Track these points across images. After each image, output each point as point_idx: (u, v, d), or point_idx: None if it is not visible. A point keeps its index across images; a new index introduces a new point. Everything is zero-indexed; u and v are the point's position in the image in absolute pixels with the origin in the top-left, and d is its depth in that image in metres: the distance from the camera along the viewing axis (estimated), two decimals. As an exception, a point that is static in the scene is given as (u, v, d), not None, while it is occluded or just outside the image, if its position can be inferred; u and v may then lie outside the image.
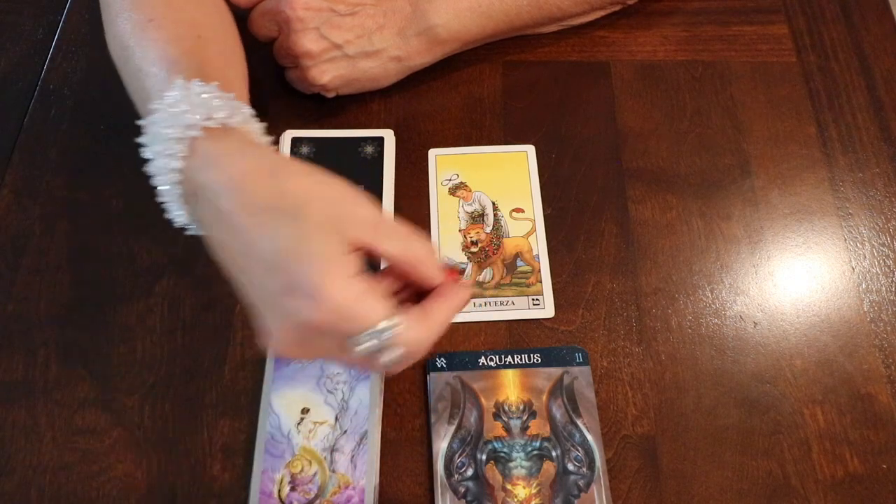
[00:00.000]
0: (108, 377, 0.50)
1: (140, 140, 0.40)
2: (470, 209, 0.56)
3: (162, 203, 0.41)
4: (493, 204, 0.56)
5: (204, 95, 0.40)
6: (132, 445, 0.48)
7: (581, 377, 0.49)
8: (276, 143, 0.58)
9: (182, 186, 0.40)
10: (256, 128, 0.42)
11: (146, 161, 0.40)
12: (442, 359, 0.50)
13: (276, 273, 0.36)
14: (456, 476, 0.46)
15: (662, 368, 0.50)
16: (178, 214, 0.41)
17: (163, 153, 0.39)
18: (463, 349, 0.51)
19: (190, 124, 0.39)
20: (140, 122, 0.41)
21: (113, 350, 0.50)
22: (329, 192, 0.38)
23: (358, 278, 0.36)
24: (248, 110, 0.42)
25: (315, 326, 0.35)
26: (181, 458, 0.47)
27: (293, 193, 0.37)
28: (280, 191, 0.37)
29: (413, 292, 0.40)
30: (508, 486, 0.46)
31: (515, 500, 0.45)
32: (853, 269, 0.54)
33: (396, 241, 0.38)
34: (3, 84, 0.62)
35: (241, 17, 0.58)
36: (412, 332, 0.37)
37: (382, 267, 0.40)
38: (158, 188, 0.40)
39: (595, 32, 0.64)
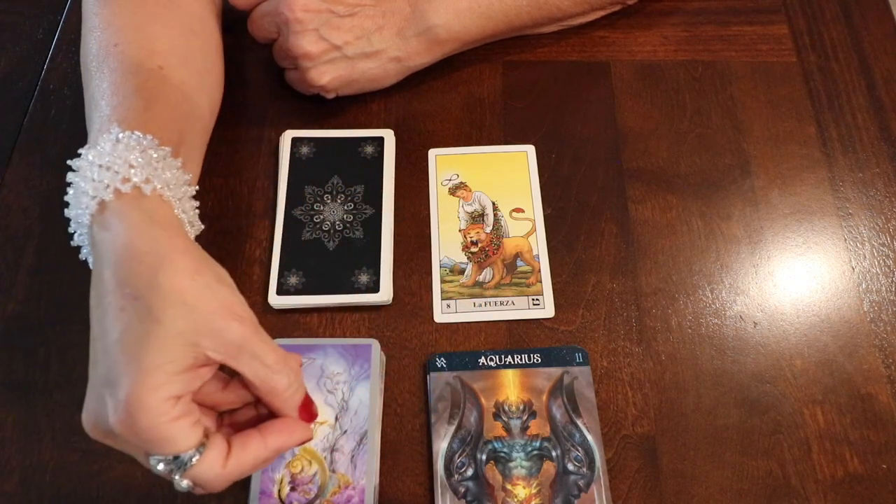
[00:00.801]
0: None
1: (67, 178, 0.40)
2: (470, 209, 0.56)
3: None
4: (493, 204, 0.56)
5: (131, 155, 0.40)
6: (132, 445, 0.48)
7: (581, 377, 0.49)
8: (278, 144, 0.58)
9: (87, 235, 0.40)
10: (176, 193, 0.41)
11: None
12: (442, 359, 0.50)
13: (107, 361, 0.35)
14: (456, 476, 0.46)
15: (662, 368, 0.50)
16: (89, 259, 0.41)
17: (77, 203, 0.39)
18: (463, 349, 0.51)
19: (106, 185, 0.39)
20: (69, 164, 0.41)
21: (113, 350, 0.50)
22: (203, 302, 0.35)
23: (175, 402, 0.34)
24: (169, 174, 0.41)
25: (113, 432, 0.34)
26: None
27: (163, 293, 0.35)
28: (152, 285, 0.35)
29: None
30: (508, 486, 0.46)
31: (515, 500, 0.45)
32: (853, 269, 0.54)
33: (257, 368, 0.36)
34: (3, 84, 0.62)
35: (241, 19, 0.58)
36: (207, 471, 0.35)
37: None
38: (75, 237, 0.41)
39: (595, 32, 0.64)
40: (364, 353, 0.48)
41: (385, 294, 0.52)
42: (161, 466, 0.35)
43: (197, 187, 0.45)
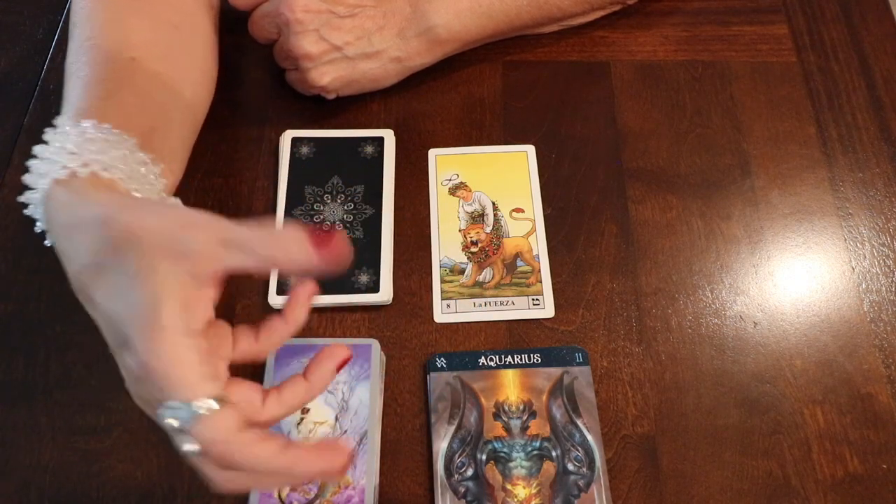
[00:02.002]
0: (108, 377, 0.49)
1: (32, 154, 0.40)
2: (470, 209, 0.56)
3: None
4: (493, 204, 0.56)
5: (68, 143, 0.40)
6: (132, 445, 0.48)
7: (581, 377, 0.49)
8: (277, 144, 0.58)
9: (42, 211, 0.40)
10: (133, 174, 0.41)
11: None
12: (442, 359, 0.50)
13: (110, 323, 0.35)
14: (456, 476, 0.46)
15: (662, 368, 0.50)
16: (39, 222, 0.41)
17: (36, 179, 0.40)
18: (463, 349, 0.51)
19: (64, 165, 0.39)
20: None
21: (113, 350, 0.50)
22: (160, 227, 0.35)
23: (187, 340, 0.33)
24: (116, 154, 0.41)
25: (137, 377, 0.34)
26: (181, 458, 0.47)
27: (124, 241, 0.34)
28: (112, 245, 0.35)
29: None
30: (508, 486, 0.46)
31: (515, 500, 0.45)
32: (853, 269, 0.54)
33: (244, 255, 0.34)
34: (3, 84, 0.62)
35: (242, 19, 0.58)
36: (220, 429, 0.33)
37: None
38: (27, 199, 0.41)
39: (595, 32, 0.64)
40: (364, 353, 0.48)
41: (385, 294, 0.52)
42: (169, 416, 0.33)
43: (160, 166, 0.44)
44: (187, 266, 0.34)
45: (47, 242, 0.41)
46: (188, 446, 0.33)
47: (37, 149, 0.40)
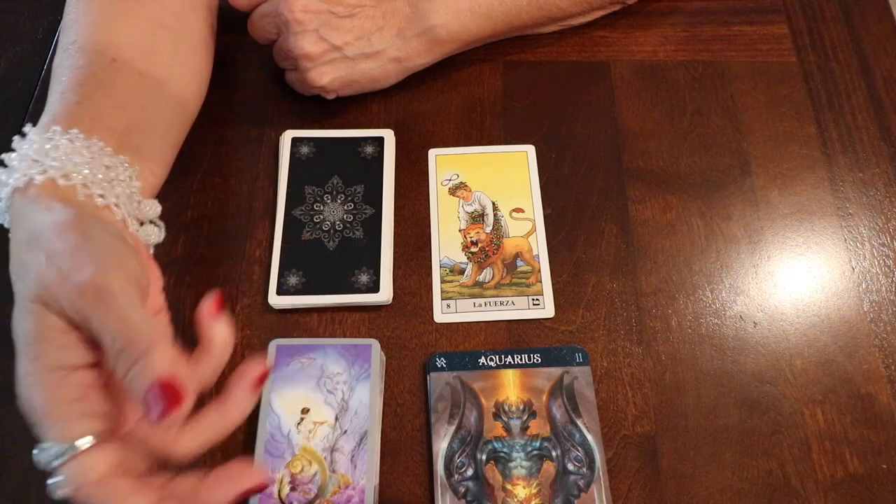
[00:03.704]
0: (109, 377, 0.50)
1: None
2: (470, 209, 0.56)
3: None
4: (493, 204, 0.56)
5: (52, 153, 0.40)
6: (132, 445, 0.47)
7: (581, 377, 0.49)
8: (277, 144, 0.58)
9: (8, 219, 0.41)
10: (99, 191, 0.41)
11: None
12: (442, 359, 0.50)
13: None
14: (456, 476, 0.46)
15: (662, 368, 0.50)
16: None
17: (3, 181, 0.40)
18: (463, 349, 0.51)
19: (24, 173, 0.39)
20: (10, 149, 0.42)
21: (113, 350, 0.50)
22: (46, 256, 0.35)
23: (60, 377, 0.33)
24: (89, 171, 0.41)
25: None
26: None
27: (24, 264, 0.36)
28: (20, 263, 0.36)
29: None
30: (508, 486, 0.46)
31: (515, 500, 0.45)
32: (853, 269, 0.54)
33: (103, 326, 0.33)
34: (3, 84, 0.62)
35: (242, 19, 0.58)
36: (91, 468, 0.32)
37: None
38: None
39: (595, 32, 0.64)
40: (364, 353, 0.48)
41: (385, 294, 0.52)
42: (41, 455, 0.33)
43: (142, 178, 0.44)
44: (54, 307, 0.35)
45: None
46: (58, 484, 0.32)
47: (3, 156, 0.41)
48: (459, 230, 0.55)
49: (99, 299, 0.34)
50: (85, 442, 0.33)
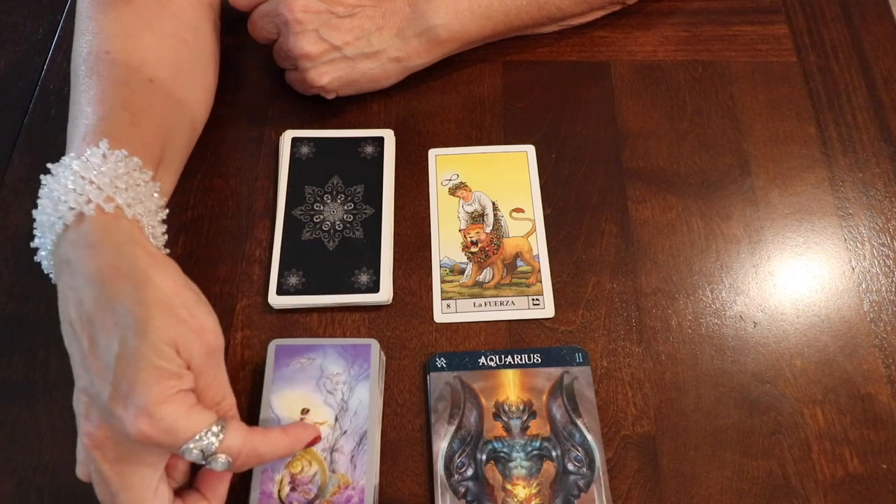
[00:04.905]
0: (108, 377, 0.49)
1: (40, 191, 0.41)
2: (470, 209, 0.56)
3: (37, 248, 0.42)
4: (493, 204, 0.56)
5: (118, 176, 0.41)
6: (132, 445, 0.47)
7: (581, 377, 0.49)
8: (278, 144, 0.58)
9: (56, 246, 0.40)
10: (150, 220, 0.42)
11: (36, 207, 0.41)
12: (442, 359, 0.50)
13: (110, 376, 0.37)
14: (456, 476, 0.46)
15: (662, 368, 0.50)
16: (45, 262, 0.42)
17: (54, 210, 0.40)
18: (463, 349, 0.51)
19: (88, 199, 0.40)
20: (49, 167, 0.42)
21: (113, 350, 0.50)
22: (184, 317, 0.39)
23: (184, 395, 0.38)
24: (146, 198, 0.42)
25: (138, 440, 0.37)
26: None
27: (150, 307, 0.38)
28: (139, 301, 0.38)
29: None
30: (508, 486, 0.46)
31: (515, 500, 0.45)
32: (853, 269, 0.54)
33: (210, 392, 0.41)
34: (3, 84, 0.62)
35: (241, 19, 0.58)
36: (236, 437, 0.39)
37: None
38: (36, 238, 0.41)
39: (595, 32, 0.64)
40: (364, 353, 0.48)
41: (385, 294, 0.52)
42: (195, 451, 0.38)
43: (167, 210, 0.45)
44: (185, 353, 0.39)
45: (44, 263, 0.42)
46: (221, 460, 0.39)
47: (53, 179, 0.41)
48: (459, 230, 0.55)
49: (218, 359, 0.41)
50: (221, 423, 0.39)
